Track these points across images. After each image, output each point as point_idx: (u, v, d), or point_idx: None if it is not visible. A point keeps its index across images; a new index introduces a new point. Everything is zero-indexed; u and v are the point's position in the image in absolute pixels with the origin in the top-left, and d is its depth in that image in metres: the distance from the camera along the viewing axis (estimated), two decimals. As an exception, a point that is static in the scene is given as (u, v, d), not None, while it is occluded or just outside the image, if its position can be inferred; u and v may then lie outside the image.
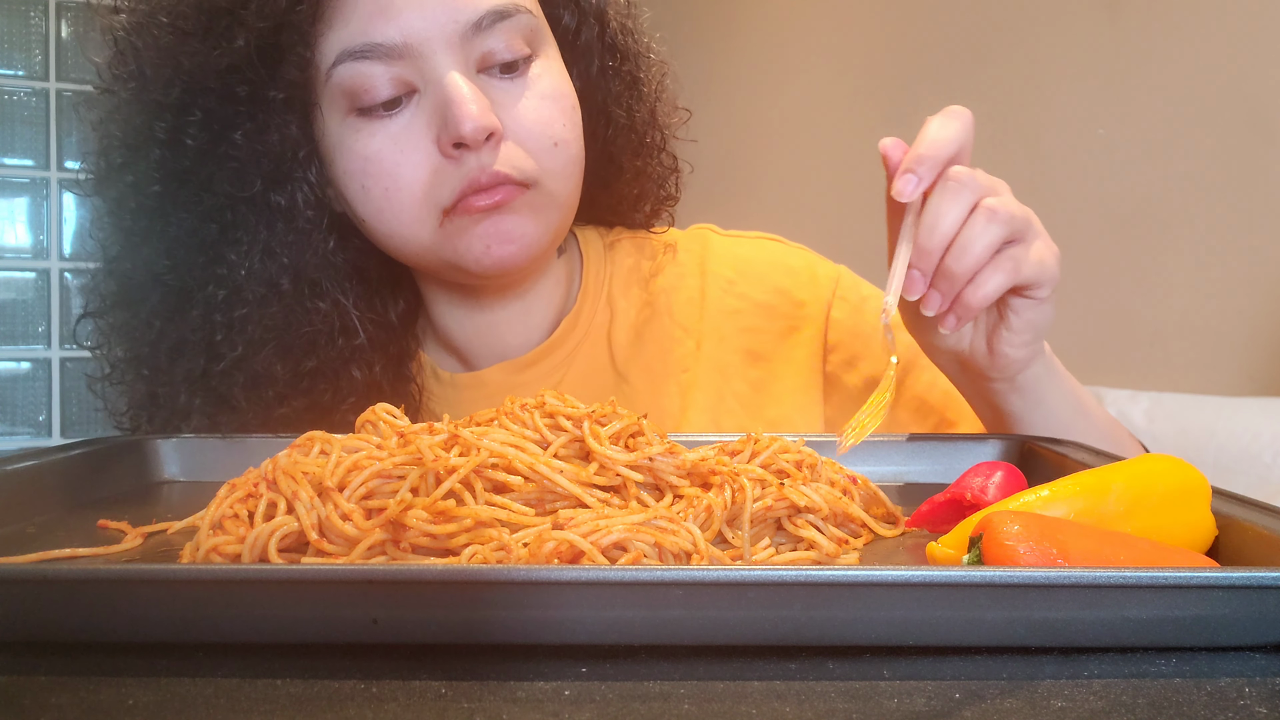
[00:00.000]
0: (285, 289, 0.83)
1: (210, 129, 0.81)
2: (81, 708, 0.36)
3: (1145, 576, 0.38)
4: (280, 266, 0.83)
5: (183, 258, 0.84)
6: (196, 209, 0.83)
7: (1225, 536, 0.51)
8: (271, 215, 0.83)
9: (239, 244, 0.83)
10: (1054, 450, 0.70)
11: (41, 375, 2.10)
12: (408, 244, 0.82)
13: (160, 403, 0.87)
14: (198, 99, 0.80)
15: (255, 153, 0.81)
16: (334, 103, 0.80)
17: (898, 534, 0.59)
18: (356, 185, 0.81)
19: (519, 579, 0.38)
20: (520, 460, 0.52)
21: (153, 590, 0.40)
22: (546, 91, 0.82)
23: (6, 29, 2.06)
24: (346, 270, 0.87)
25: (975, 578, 0.38)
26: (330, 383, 0.85)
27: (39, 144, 2.09)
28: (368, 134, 0.79)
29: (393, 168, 0.79)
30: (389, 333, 0.90)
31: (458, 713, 0.35)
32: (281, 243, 0.83)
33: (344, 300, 0.85)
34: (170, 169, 0.82)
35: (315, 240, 0.84)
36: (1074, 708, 0.35)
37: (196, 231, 0.83)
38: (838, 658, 0.39)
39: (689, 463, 0.55)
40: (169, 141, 0.82)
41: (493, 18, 0.78)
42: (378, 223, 0.82)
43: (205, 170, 0.81)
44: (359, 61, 0.77)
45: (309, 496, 0.51)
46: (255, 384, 0.84)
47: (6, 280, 2.09)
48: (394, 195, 0.79)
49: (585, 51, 0.91)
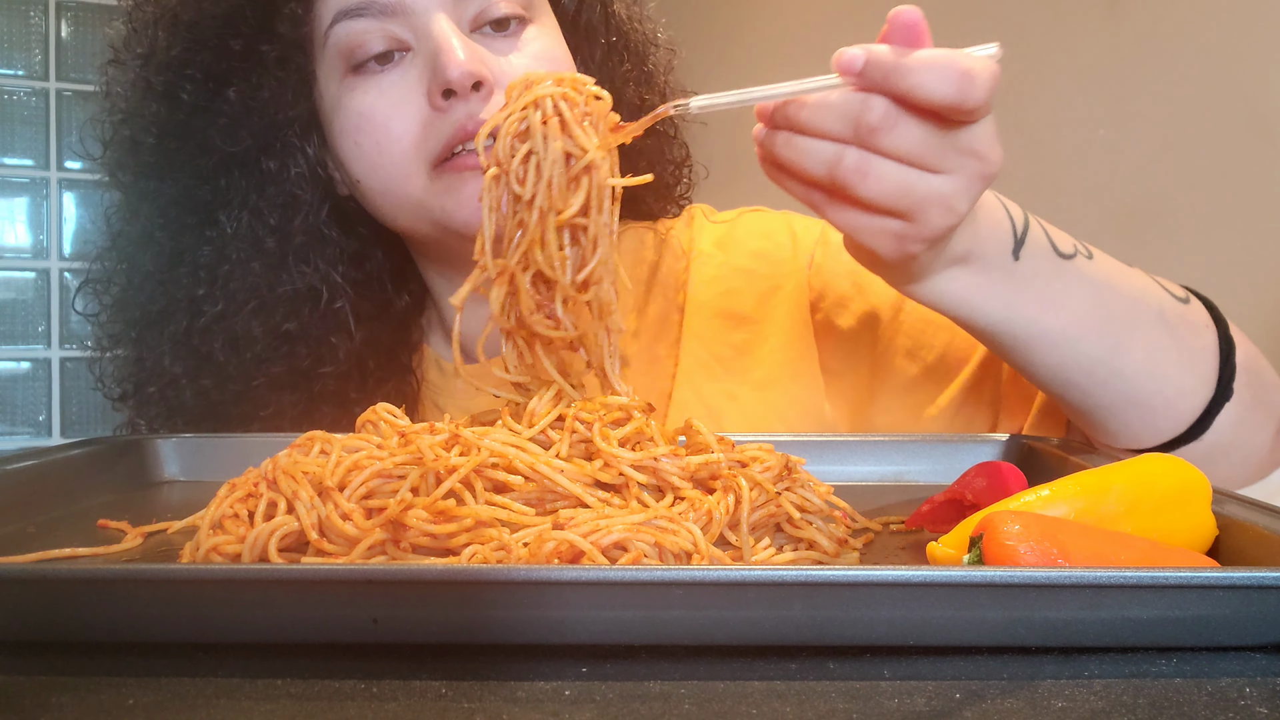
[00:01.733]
0: (269, 248, 0.85)
1: (206, 85, 0.84)
2: (81, 708, 0.36)
3: (1145, 576, 0.38)
4: (266, 227, 0.85)
5: (175, 217, 0.87)
6: (192, 168, 0.85)
7: (1225, 536, 0.51)
8: (262, 178, 0.85)
9: (229, 205, 0.85)
10: (1054, 450, 0.70)
11: (41, 375, 2.10)
12: (400, 202, 0.83)
13: (146, 367, 0.89)
14: (195, 54, 0.83)
15: (247, 108, 0.83)
16: (331, 66, 0.83)
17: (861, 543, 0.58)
18: (350, 143, 0.82)
19: (519, 579, 0.38)
20: (521, 460, 0.52)
21: (153, 590, 0.40)
22: (539, 52, 0.84)
23: (6, 29, 2.06)
24: (348, 253, 0.88)
25: (975, 578, 0.38)
26: (310, 348, 0.87)
27: (39, 144, 2.09)
28: (361, 91, 0.81)
29: (384, 120, 0.80)
30: (383, 312, 0.91)
31: (458, 713, 0.35)
32: (271, 204, 0.85)
33: (331, 270, 0.87)
34: (166, 124, 0.85)
35: (305, 207, 0.86)
36: (1074, 708, 0.35)
37: (191, 192, 0.86)
38: (838, 658, 0.39)
39: (693, 465, 0.55)
40: (166, 96, 0.85)
41: None
42: (370, 180, 0.83)
43: (200, 126, 0.84)
44: (354, 19, 0.80)
45: (309, 496, 0.51)
46: (234, 343, 0.86)
47: (6, 280, 2.09)
48: (385, 148, 0.81)
49: (588, 33, 0.92)
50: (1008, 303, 0.69)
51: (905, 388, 0.85)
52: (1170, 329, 0.72)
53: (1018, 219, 0.69)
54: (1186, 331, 0.72)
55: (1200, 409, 0.72)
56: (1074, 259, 0.70)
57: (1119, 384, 0.71)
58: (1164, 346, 0.71)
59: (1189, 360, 0.72)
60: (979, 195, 0.60)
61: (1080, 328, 0.70)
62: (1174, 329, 0.72)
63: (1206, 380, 0.72)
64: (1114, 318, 0.70)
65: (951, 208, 0.59)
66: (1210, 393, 0.72)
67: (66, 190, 2.12)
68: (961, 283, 0.68)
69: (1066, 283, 0.69)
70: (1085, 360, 0.70)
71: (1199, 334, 0.73)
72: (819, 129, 0.58)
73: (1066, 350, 0.70)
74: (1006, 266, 0.68)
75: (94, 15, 2.09)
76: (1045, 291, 0.69)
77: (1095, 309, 0.70)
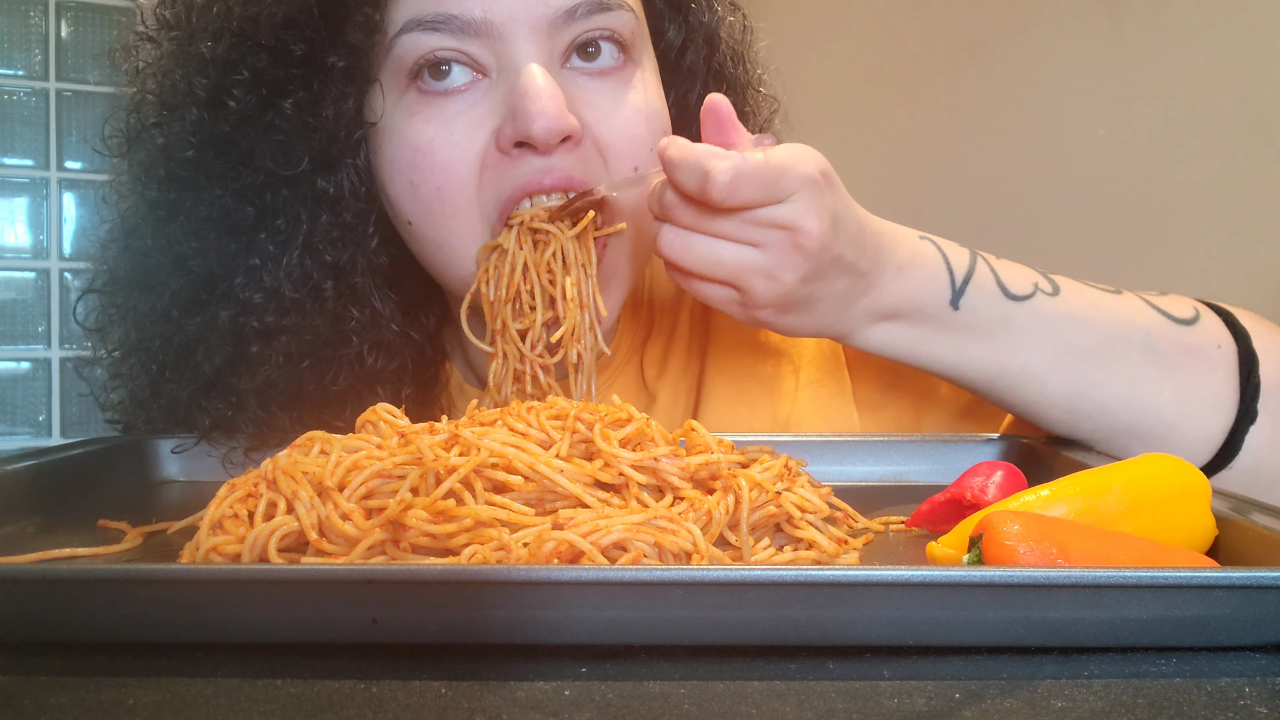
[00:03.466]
0: (327, 293, 0.74)
1: (258, 92, 0.71)
2: (81, 708, 0.36)
3: (1145, 576, 0.38)
4: (322, 266, 0.73)
5: (212, 241, 0.74)
6: (233, 186, 0.73)
7: (1225, 536, 0.51)
8: (316, 204, 0.73)
9: (277, 233, 0.73)
10: (1054, 450, 0.70)
11: (41, 375, 2.09)
12: (452, 264, 0.73)
13: (162, 401, 0.78)
14: (248, 55, 0.71)
15: (306, 127, 0.71)
16: (393, 79, 0.71)
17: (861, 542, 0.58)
18: (404, 181, 0.71)
19: (519, 579, 0.38)
20: (520, 460, 0.52)
21: (153, 590, 0.40)
22: (639, 105, 0.73)
23: (6, 29, 2.05)
24: (388, 275, 0.77)
25: (975, 578, 0.38)
26: (354, 403, 0.76)
27: (39, 144, 2.08)
28: (422, 119, 0.70)
29: (445, 161, 0.70)
30: (421, 354, 0.82)
31: (458, 713, 0.35)
32: (325, 238, 0.73)
33: (380, 307, 0.76)
34: (208, 134, 0.72)
35: (361, 238, 0.75)
36: (1074, 708, 0.35)
37: (231, 213, 0.73)
38: (838, 658, 0.39)
39: (693, 466, 0.55)
40: (210, 101, 0.72)
41: (590, 7, 0.70)
42: (426, 226, 0.72)
43: (247, 140, 0.72)
44: (428, 33, 0.68)
45: (309, 496, 0.51)
46: (279, 401, 0.75)
47: (6, 280, 2.09)
48: (446, 195, 0.70)
49: (688, 74, 0.82)
50: (955, 349, 0.70)
51: (961, 414, 0.82)
52: (1158, 357, 0.70)
53: (959, 267, 0.70)
54: (1184, 356, 0.70)
55: (1221, 433, 0.70)
56: (1031, 299, 0.70)
57: (1104, 417, 0.70)
58: (1152, 376, 0.70)
59: (1190, 385, 0.70)
60: (804, 268, 0.63)
61: (1044, 366, 0.70)
62: (1164, 356, 0.70)
63: (1218, 405, 0.69)
64: (1085, 353, 0.70)
65: (773, 276, 0.63)
66: (1229, 419, 0.70)
67: (66, 190, 2.12)
68: (898, 334, 0.70)
69: (1021, 324, 0.70)
70: (1060, 396, 0.70)
71: (1204, 356, 0.70)
72: (650, 209, 0.66)
73: (1034, 388, 0.70)
74: (945, 316, 0.69)
75: (94, 15, 2.09)
76: (995, 335, 0.69)
77: (1060, 347, 0.70)
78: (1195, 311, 0.73)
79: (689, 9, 0.80)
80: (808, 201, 0.62)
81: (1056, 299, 0.71)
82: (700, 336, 0.88)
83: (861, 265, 0.66)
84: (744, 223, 0.62)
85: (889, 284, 0.68)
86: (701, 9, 0.81)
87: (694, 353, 0.88)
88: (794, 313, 0.66)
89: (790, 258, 0.62)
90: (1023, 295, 0.70)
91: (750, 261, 0.63)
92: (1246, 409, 0.70)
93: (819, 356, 0.85)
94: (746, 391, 0.85)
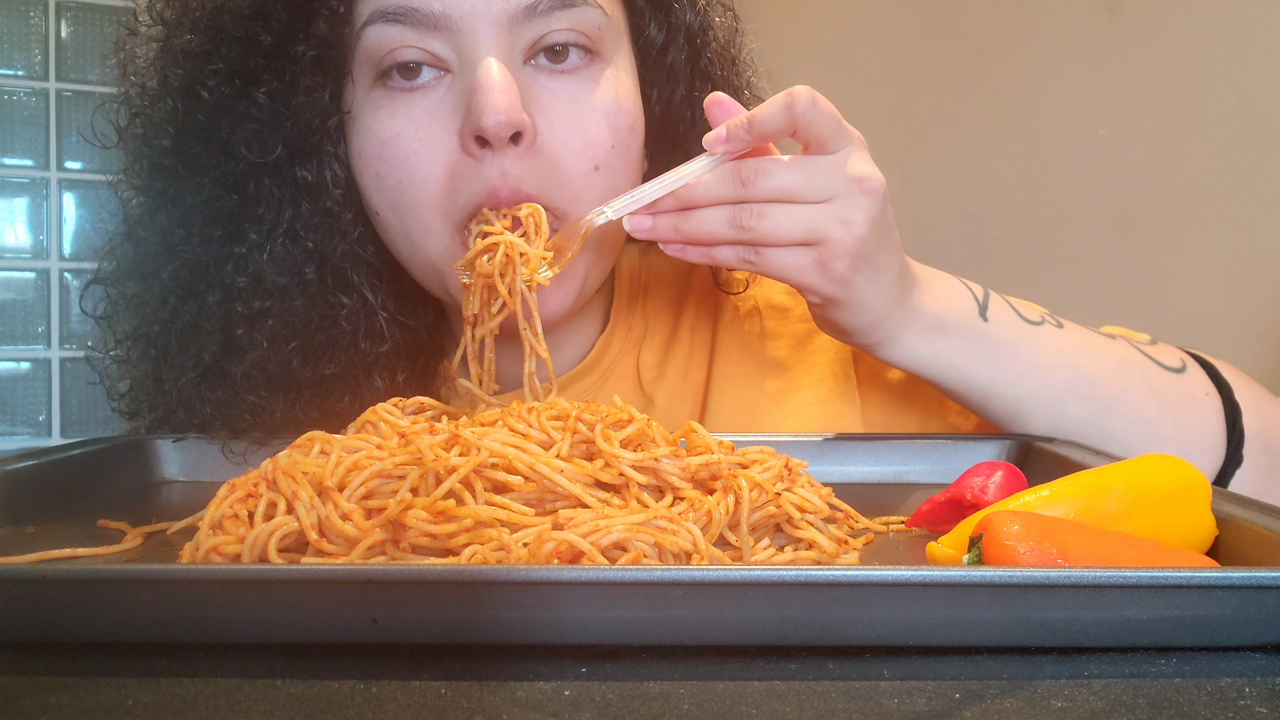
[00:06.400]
0: (310, 279, 0.76)
1: (231, 82, 0.73)
2: (81, 708, 0.36)
3: (1145, 576, 0.38)
4: (305, 252, 0.76)
5: (199, 228, 0.76)
6: (216, 174, 0.75)
7: (1225, 536, 0.51)
8: (296, 191, 0.75)
9: (261, 221, 0.75)
10: (1054, 450, 0.70)
11: (41, 375, 2.09)
12: (415, 251, 0.75)
13: (165, 388, 0.79)
14: (220, 46, 0.73)
15: (278, 115, 0.73)
16: (361, 72, 0.73)
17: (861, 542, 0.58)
18: (371, 172, 0.74)
19: (519, 579, 0.38)
20: (520, 460, 0.52)
21: (153, 590, 0.40)
22: (601, 103, 0.73)
23: (6, 29, 2.05)
24: (377, 267, 0.79)
25: (975, 578, 0.38)
26: (350, 390, 0.78)
27: (39, 144, 2.08)
28: (388, 112, 0.72)
29: (410, 156, 0.71)
30: (416, 340, 0.83)
31: (457, 713, 0.35)
32: (306, 224, 0.75)
33: (371, 298, 0.78)
34: (185, 123, 0.75)
35: (344, 226, 0.77)
36: (1074, 708, 0.35)
37: (214, 201, 0.75)
38: (838, 658, 0.39)
39: (694, 466, 0.55)
40: (185, 91, 0.74)
41: (552, 3, 0.70)
42: (390, 215, 0.74)
43: (222, 129, 0.74)
44: (390, 24, 0.70)
45: (309, 496, 0.51)
46: (271, 386, 0.77)
47: (6, 280, 2.09)
48: (407, 189, 0.72)
49: (671, 74, 0.81)
50: (991, 363, 0.72)
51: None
52: (1158, 395, 0.73)
53: (978, 292, 0.74)
54: (1179, 399, 0.74)
55: (1211, 475, 0.72)
56: (1042, 326, 0.74)
57: (1113, 448, 0.72)
58: (1155, 412, 0.73)
59: (1188, 424, 0.73)
60: (874, 211, 0.66)
61: (1064, 390, 0.73)
62: (1163, 396, 0.73)
63: (1211, 448, 0.72)
64: (1096, 382, 0.73)
65: (848, 222, 0.65)
66: (1219, 461, 0.73)
67: (66, 190, 2.12)
68: (939, 347, 0.72)
69: (1041, 346, 0.73)
70: (1075, 424, 0.73)
71: (1196, 402, 0.74)
72: (713, 198, 0.66)
73: (1054, 412, 0.73)
74: (978, 328, 0.72)
75: (94, 15, 2.09)
76: (1022, 353, 0.73)
77: (1076, 373, 0.73)
78: (1182, 361, 0.76)
79: (671, 7, 0.80)
80: (862, 152, 0.67)
81: (1064, 331, 0.74)
82: (704, 345, 0.88)
83: (901, 257, 0.70)
84: (816, 172, 0.65)
85: (923, 290, 0.72)
86: (684, 8, 0.81)
87: (696, 360, 0.88)
88: (866, 271, 0.67)
89: (859, 200, 0.65)
90: (1035, 322, 0.74)
91: (824, 211, 0.65)
92: (1233, 454, 0.73)
93: (829, 376, 0.85)
94: (752, 404, 0.85)
